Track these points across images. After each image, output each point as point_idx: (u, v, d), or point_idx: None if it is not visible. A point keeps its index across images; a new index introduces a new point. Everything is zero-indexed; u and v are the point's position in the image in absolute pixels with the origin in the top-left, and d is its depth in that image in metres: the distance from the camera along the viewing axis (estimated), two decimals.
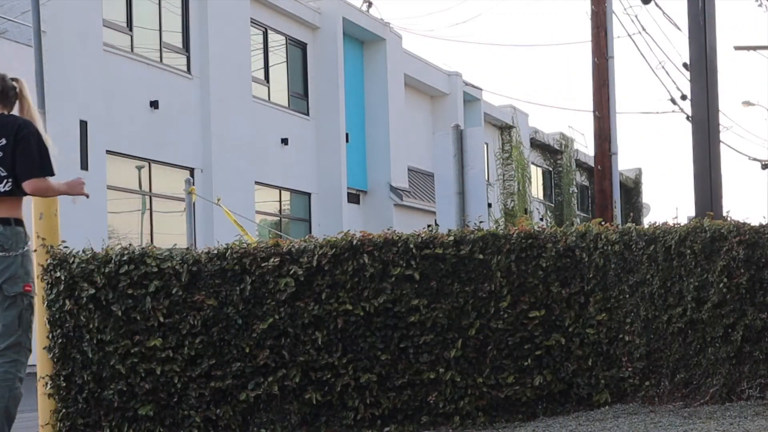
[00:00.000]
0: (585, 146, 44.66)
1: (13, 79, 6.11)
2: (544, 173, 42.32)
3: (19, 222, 5.92)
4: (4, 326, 5.87)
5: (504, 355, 7.51)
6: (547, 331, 7.50)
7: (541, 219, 38.41)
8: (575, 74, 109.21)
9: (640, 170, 51.57)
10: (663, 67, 27.00)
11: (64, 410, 7.58)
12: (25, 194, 5.96)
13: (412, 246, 7.53)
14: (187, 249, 7.86)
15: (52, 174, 5.94)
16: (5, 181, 5.87)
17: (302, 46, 25.81)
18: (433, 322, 7.51)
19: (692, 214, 11.91)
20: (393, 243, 7.57)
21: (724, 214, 7.76)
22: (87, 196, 6.22)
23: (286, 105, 25.12)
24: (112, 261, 7.55)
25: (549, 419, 7.32)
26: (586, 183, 47.00)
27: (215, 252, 7.60)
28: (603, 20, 15.48)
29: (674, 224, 7.41)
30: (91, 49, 17.86)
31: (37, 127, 5.99)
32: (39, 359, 7.69)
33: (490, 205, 29.02)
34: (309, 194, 25.51)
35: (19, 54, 15.63)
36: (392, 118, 27.84)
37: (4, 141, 5.87)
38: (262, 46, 24.34)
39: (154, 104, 19.65)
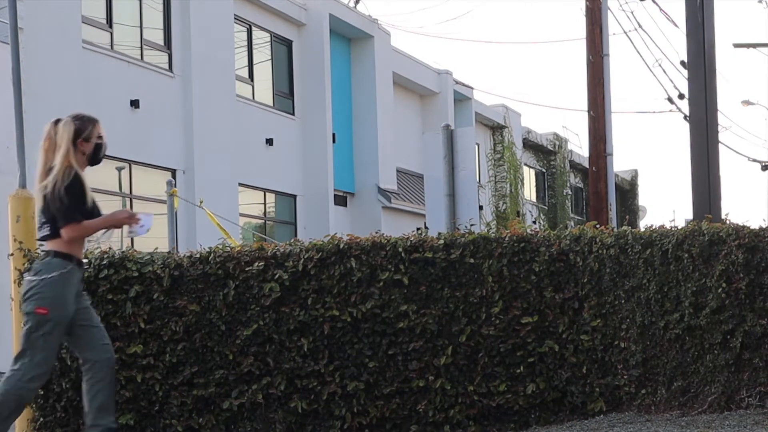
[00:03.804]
0: (579, 147, 44.63)
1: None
2: (537, 175, 42.22)
3: (57, 254, 6.45)
4: (22, 336, 6.47)
5: (496, 363, 7.37)
6: (540, 338, 7.35)
7: (534, 222, 38.35)
8: (569, 73, 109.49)
9: (636, 172, 51.54)
10: (660, 65, 27.11)
11: (42, 419, 7.46)
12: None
13: (400, 250, 7.38)
14: (169, 253, 7.71)
15: (72, 221, 6.41)
16: (44, 227, 6.53)
17: (288, 44, 25.61)
18: (422, 329, 7.36)
19: (690, 216, 11.80)
20: (381, 247, 7.43)
21: (723, 216, 7.60)
22: (136, 223, 6.85)
23: (271, 104, 24.92)
24: (92, 265, 7.41)
25: (542, 428, 7.20)
26: (581, 185, 46.94)
27: (198, 256, 7.47)
28: (598, 17, 15.38)
29: (671, 227, 7.25)
30: (70, 47, 17.61)
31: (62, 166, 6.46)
32: None
33: (481, 208, 28.92)
34: (294, 196, 25.31)
35: None
36: (380, 118, 27.66)
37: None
38: (246, 43, 24.13)
39: (134, 103, 19.42)
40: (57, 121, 6.62)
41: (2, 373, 6.55)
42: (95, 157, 6.68)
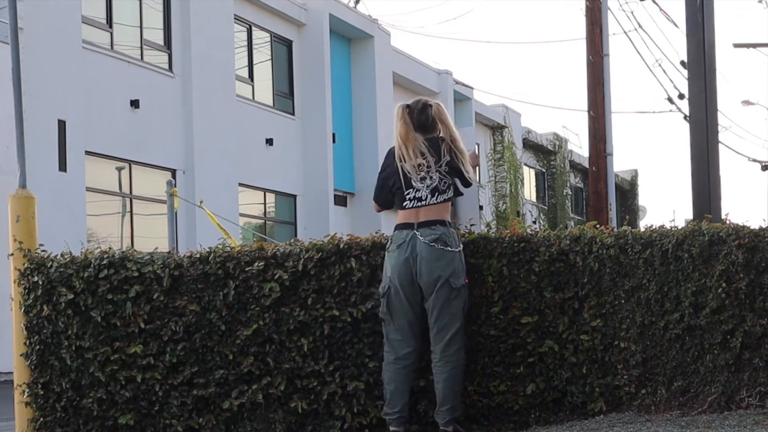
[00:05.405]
0: (579, 147, 44.68)
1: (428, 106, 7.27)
2: (537, 175, 42.22)
3: (449, 224, 7.03)
4: (451, 315, 6.87)
5: (495, 362, 7.34)
6: (539, 338, 7.32)
7: (534, 222, 38.37)
8: (569, 73, 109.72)
9: (636, 171, 51.54)
10: (660, 65, 27.21)
11: (41, 419, 7.45)
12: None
13: None
14: (169, 253, 7.69)
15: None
16: (448, 190, 7.11)
17: (288, 44, 25.62)
18: None
19: (690, 216, 11.79)
20: (381, 247, 7.41)
21: (723, 216, 7.57)
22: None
23: (271, 104, 24.93)
24: (92, 265, 7.41)
25: (542, 428, 7.16)
26: (581, 185, 46.94)
27: (198, 256, 7.44)
28: (598, 17, 15.38)
29: (671, 227, 7.23)
30: (70, 47, 17.62)
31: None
32: (16, 366, 7.55)
33: (481, 208, 28.92)
34: (294, 196, 25.31)
35: None
36: (380, 118, 27.65)
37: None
38: (246, 43, 24.15)
39: (134, 103, 19.44)
40: (407, 106, 7.38)
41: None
42: None
